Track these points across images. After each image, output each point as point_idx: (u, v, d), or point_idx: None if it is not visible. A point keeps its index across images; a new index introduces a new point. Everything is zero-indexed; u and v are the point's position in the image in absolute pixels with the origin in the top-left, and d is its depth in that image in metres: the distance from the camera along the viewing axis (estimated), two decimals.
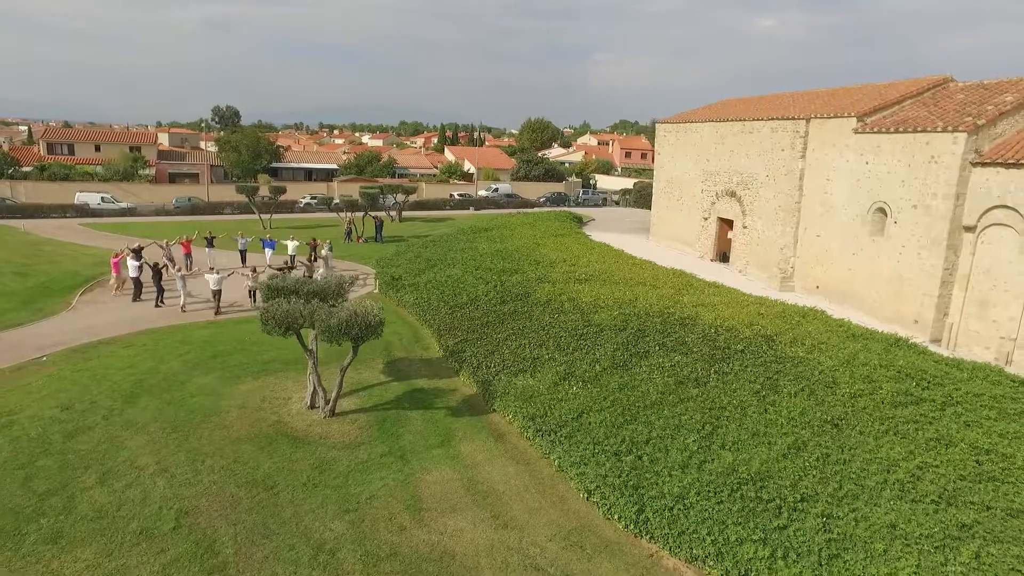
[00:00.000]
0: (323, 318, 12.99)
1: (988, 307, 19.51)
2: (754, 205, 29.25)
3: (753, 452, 11.35)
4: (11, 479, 11.73)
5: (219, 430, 13.81)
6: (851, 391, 13.65)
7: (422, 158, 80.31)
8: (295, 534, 10.23)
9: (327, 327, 12.93)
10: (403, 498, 11.31)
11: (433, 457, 12.80)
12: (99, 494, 11.29)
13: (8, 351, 18.51)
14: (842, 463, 11.20)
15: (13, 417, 14.25)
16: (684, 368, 14.85)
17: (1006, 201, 18.86)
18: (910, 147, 21.28)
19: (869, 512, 9.82)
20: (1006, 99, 20.42)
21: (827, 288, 25.03)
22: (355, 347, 13.74)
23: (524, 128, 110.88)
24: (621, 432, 12.33)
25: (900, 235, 21.69)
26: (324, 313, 13.12)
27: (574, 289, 21.64)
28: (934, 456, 11.36)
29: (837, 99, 26.85)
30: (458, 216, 50.93)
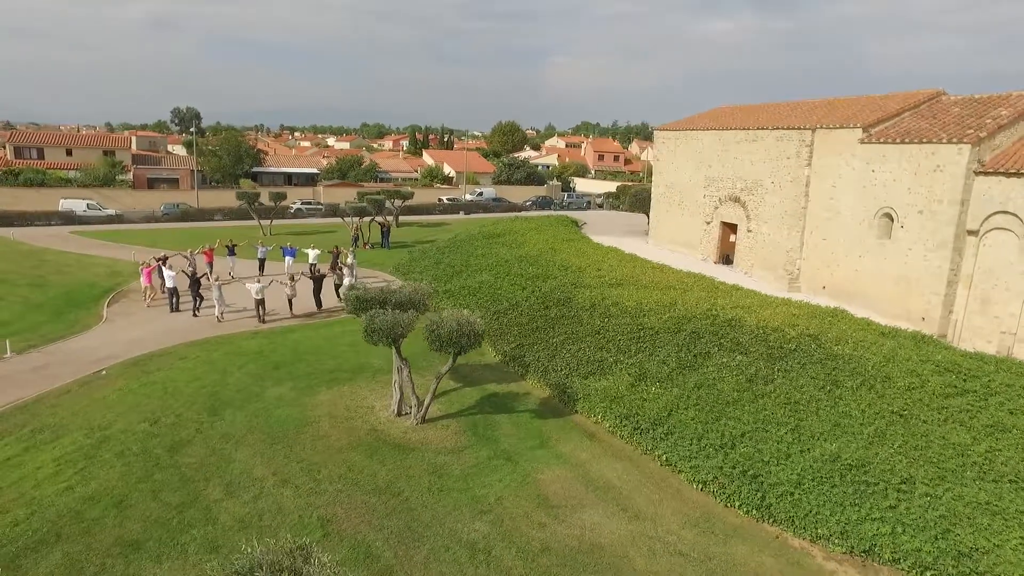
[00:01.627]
0: (433, 327, 13.57)
1: (990, 304, 21.30)
2: (759, 210, 30.81)
3: (843, 441, 12.51)
4: (139, 492, 11.93)
5: (319, 440, 14.21)
6: (904, 384, 15.01)
7: (401, 162, 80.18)
8: (444, 535, 10.84)
9: (437, 336, 13.52)
10: (530, 497, 12.04)
11: (539, 458, 13.55)
12: (233, 505, 11.63)
13: (64, 365, 18.35)
14: (920, 448, 12.46)
15: (107, 432, 14.32)
16: (749, 367, 15.98)
17: (1007, 207, 20.67)
18: (916, 157, 23.01)
19: (962, 492, 11.08)
20: (1001, 113, 22.33)
21: (834, 288, 26.67)
22: (455, 356, 14.34)
23: (495, 131, 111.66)
24: (715, 428, 13.34)
25: (907, 238, 23.40)
26: (433, 323, 13.69)
27: (613, 293, 22.61)
28: (995, 441, 12.75)
29: (838, 110, 28.60)
30: (452, 221, 51.37)
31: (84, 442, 13.81)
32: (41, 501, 11.61)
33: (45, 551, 10.28)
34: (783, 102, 34.75)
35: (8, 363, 18.48)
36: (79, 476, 12.48)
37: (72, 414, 15.22)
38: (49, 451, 13.47)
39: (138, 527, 10.91)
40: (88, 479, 12.37)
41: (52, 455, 13.28)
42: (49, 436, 14.12)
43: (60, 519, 11.10)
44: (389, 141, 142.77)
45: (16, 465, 12.92)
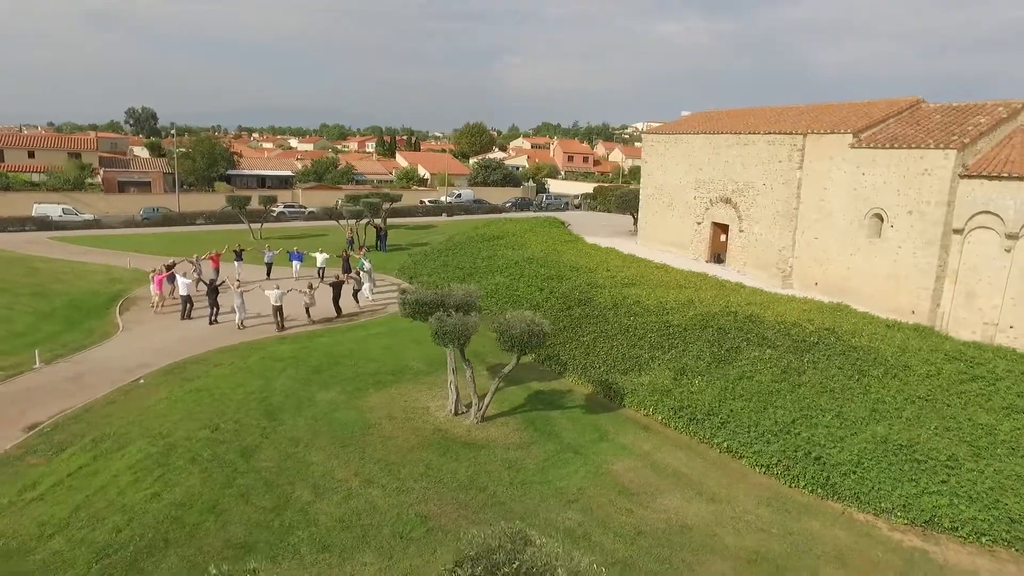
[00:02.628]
0: (504, 328, 14.14)
1: (974, 298, 23.06)
2: (751, 211, 32.29)
3: (885, 425, 13.67)
4: (229, 497, 12.14)
5: (387, 441, 14.60)
6: (923, 372, 16.35)
7: (375, 164, 79.69)
8: (541, 525, 11.44)
9: (509, 336, 14.09)
10: (608, 486, 12.76)
11: (604, 450, 14.28)
12: (326, 506, 11.96)
13: (98, 374, 18.16)
14: (953, 430, 13.71)
15: (169, 439, 14.37)
16: (780, 360, 17.09)
17: (989, 207, 22.44)
18: (904, 161, 24.67)
19: (1001, 466, 12.32)
20: (980, 120, 24.18)
21: (826, 285, 28.25)
22: (520, 356, 14.93)
23: (462, 132, 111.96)
24: (765, 416, 14.35)
25: (896, 237, 25.06)
26: (504, 323, 14.26)
27: (631, 293, 23.53)
28: (1014, 421, 14.13)
29: (825, 116, 30.25)
30: (437, 223, 51.64)
31: (151, 450, 13.86)
32: (134, 508, 11.70)
33: (159, 555, 10.46)
34: (770, 107, 36.40)
35: (40, 373, 18.16)
36: (161, 483, 12.58)
37: (127, 423, 15.18)
38: (119, 460, 13.48)
39: (241, 530, 11.17)
40: (171, 485, 12.49)
41: (124, 463, 13.30)
42: (112, 445, 14.09)
43: (161, 525, 11.24)
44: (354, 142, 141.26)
45: (92, 474, 12.92)
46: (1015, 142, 23.31)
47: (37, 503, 11.92)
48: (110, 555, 10.42)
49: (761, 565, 10.47)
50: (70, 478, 12.76)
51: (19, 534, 10.98)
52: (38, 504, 11.88)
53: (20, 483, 12.55)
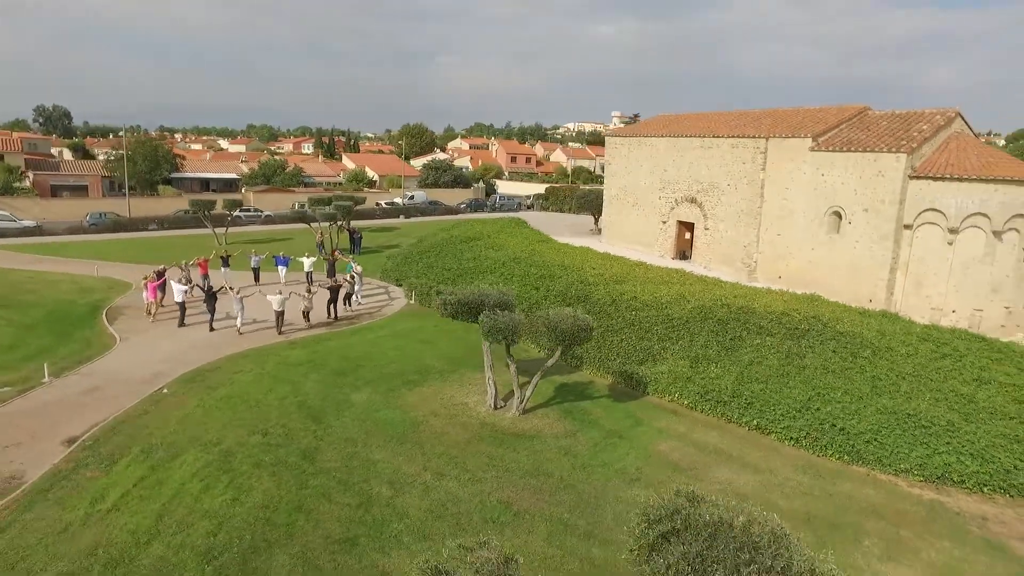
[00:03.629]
0: (553, 323, 15.03)
1: (922, 286, 25.83)
2: (716, 210, 34.43)
3: (888, 398, 15.51)
4: (309, 497, 12.47)
5: (441, 436, 15.20)
6: (904, 352, 18.43)
7: (323, 166, 78.08)
8: (615, 502, 12.46)
9: (560, 331, 15.00)
10: (661, 464, 13.92)
11: (644, 434, 15.45)
12: (410, 500, 12.50)
13: (116, 386, 17.77)
14: (942, 400, 15.70)
15: (222, 447, 14.45)
16: (781, 346, 18.80)
17: (934, 205, 25.21)
18: (860, 163, 27.24)
19: (989, 428, 14.32)
20: (923, 127, 27.04)
21: (789, 278, 30.64)
22: (564, 349, 15.86)
23: (402, 133, 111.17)
24: (783, 396, 15.93)
25: (854, 233, 27.61)
26: (553, 318, 15.15)
27: (624, 289, 24.89)
28: (986, 390, 16.30)
29: (783, 121, 32.69)
30: (398, 225, 51.67)
31: (208, 458, 13.92)
32: (218, 513, 11.87)
33: (266, 554, 10.76)
34: (729, 111, 38.80)
35: (53, 387, 17.56)
36: (234, 488, 12.74)
37: (170, 433, 15.08)
38: (179, 468, 13.48)
39: (337, 527, 11.58)
40: (246, 490, 12.68)
41: (187, 472, 13.34)
42: (165, 455, 14.04)
43: (253, 527, 11.50)
44: (288, 143, 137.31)
45: (157, 483, 12.91)
46: (951, 147, 26.23)
47: (114, 513, 11.87)
48: (217, 557, 10.64)
49: (815, 523, 11.89)
50: (137, 488, 12.71)
51: (113, 543, 10.98)
52: (116, 514, 11.83)
53: (87, 496, 12.41)
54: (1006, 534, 12.08)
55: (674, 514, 7.12)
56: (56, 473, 13.24)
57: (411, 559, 10.67)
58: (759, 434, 15.39)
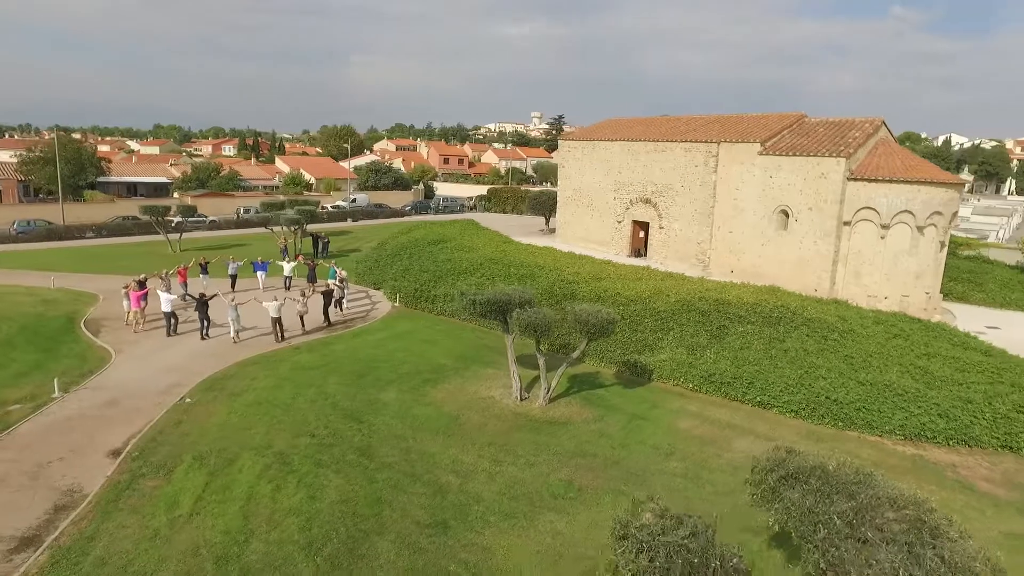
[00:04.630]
0: (585, 318, 16.36)
1: (860, 276, 29.14)
2: (670, 209, 36.94)
3: (864, 372, 17.93)
4: (383, 490, 13.22)
5: (482, 428, 16.21)
6: (864, 334, 21.13)
7: (257, 169, 75.46)
8: (660, 474, 13.98)
9: (592, 325, 16.34)
10: (688, 439, 15.60)
11: (663, 415, 17.10)
12: (478, 486, 13.48)
13: (134, 398, 17.61)
14: (905, 373, 18.31)
15: (274, 449, 14.85)
16: (762, 332, 21.01)
17: (869, 204, 28.52)
18: (804, 166, 30.28)
19: (947, 393, 16.95)
20: (856, 134, 30.42)
21: (740, 271, 33.46)
22: (590, 341, 17.23)
23: (329, 135, 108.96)
24: (779, 375, 18.05)
25: (800, 230, 30.66)
26: (582, 314, 16.47)
27: (605, 286, 26.60)
28: (936, 362, 19.12)
29: (731, 127, 35.51)
30: (351, 229, 51.35)
31: (266, 461, 14.30)
32: (302, 510, 12.42)
33: (367, 542, 11.49)
34: (677, 117, 41.49)
35: (68, 403, 17.14)
36: (305, 487, 13.27)
37: (215, 439, 15.29)
38: (240, 473, 13.82)
39: (423, 513, 12.43)
40: (319, 488, 13.24)
41: (251, 475, 13.71)
42: (220, 461, 14.29)
43: (341, 520, 12.15)
44: (206, 145, 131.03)
45: (225, 488, 13.24)
46: (880, 152, 29.68)
47: (198, 517, 12.17)
48: (321, 549, 11.27)
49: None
50: (207, 493, 13.00)
51: (212, 543, 11.36)
52: (200, 518, 12.14)
53: (160, 503, 12.60)
54: (972, 476, 14.57)
55: (784, 463, 8.66)
56: (115, 484, 13.26)
57: (501, 536, 11.77)
58: (762, 409, 17.42)
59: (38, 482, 13.28)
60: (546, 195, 50.35)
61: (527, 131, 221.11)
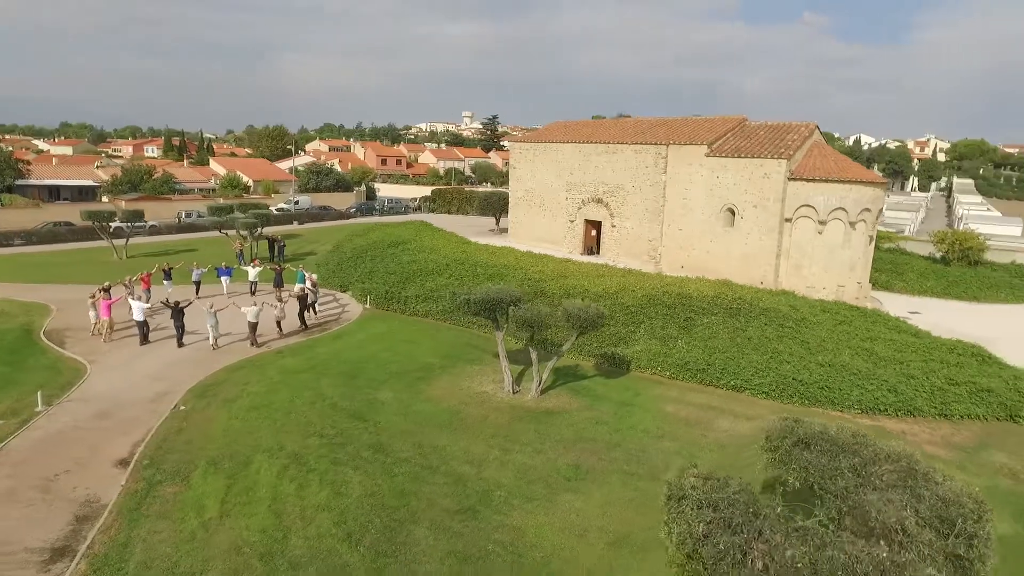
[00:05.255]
0: (577, 313, 17.40)
1: (800, 268, 31.71)
2: (622, 209, 38.70)
3: (822, 355, 19.90)
4: (405, 483, 13.85)
5: (484, 421, 17.02)
6: (815, 321, 23.26)
7: (191, 171, 72.25)
8: (659, 454, 15.23)
9: (583, 319, 17.40)
10: (675, 422, 16.96)
11: (647, 401, 18.41)
12: (494, 472, 14.33)
13: (125, 408, 17.43)
14: (858, 355, 20.43)
15: (287, 450, 15.17)
16: (726, 323, 22.74)
17: (807, 202, 31.07)
18: (749, 167, 32.58)
19: (892, 371, 19.11)
20: (794, 137, 32.99)
21: (690, 266, 35.56)
22: (579, 334, 18.30)
23: (261, 136, 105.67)
24: (747, 361, 19.75)
25: (746, 226, 32.97)
26: (574, 309, 17.51)
27: (572, 283, 27.84)
28: (879, 344, 21.41)
29: (678, 130, 37.52)
30: (300, 232, 50.53)
31: (281, 462, 14.61)
32: (331, 506, 12.89)
33: (404, 530, 12.12)
34: (625, 119, 43.39)
35: (55, 417, 16.72)
36: (327, 484, 13.71)
37: (223, 445, 15.42)
38: (259, 475, 14.09)
39: (450, 501, 13.15)
40: (341, 484, 13.71)
41: (269, 476, 14.00)
42: (234, 464, 14.50)
43: (373, 512, 12.71)
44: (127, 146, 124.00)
45: (247, 490, 13.51)
46: (815, 154, 32.33)
47: (230, 519, 12.44)
48: (361, 539, 11.83)
49: None
50: (231, 496, 13.24)
51: (251, 542, 11.70)
52: (232, 519, 12.41)
53: (187, 508, 12.77)
54: (919, 441, 16.61)
55: (794, 430, 10.01)
56: (133, 493, 13.26)
57: (528, 517, 12.68)
58: (735, 392, 19.05)
59: (50, 495, 13.11)
60: (496, 196, 51.31)
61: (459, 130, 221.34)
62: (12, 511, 12.49)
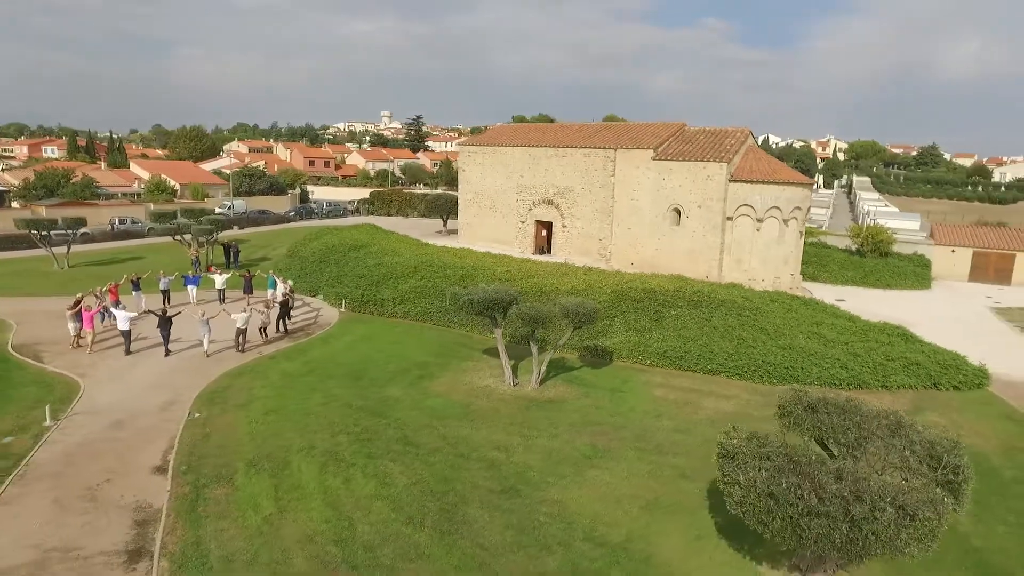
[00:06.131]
0: (575, 308, 18.97)
1: (740, 262, 34.83)
2: (572, 209, 40.75)
3: (783, 339, 22.51)
4: (444, 470, 14.96)
5: (497, 410, 18.32)
6: (768, 310, 25.99)
7: (112, 174, 67.86)
8: (657, 431, 17.08)
9: (579, 315, 18.99)
10: (667, 403, 18.92)
11: (636, 387, 20.29)
12: (523, 456, 15.69)
13: (139, 417, 17.48)
14: (814, 337, 23.18)
15: (320, 449, 15.88)
16: (692, 314, 25.03)
17: (746, 201, 34.18)
18: (693, 170, 35.35)
19: (842, 349, 21.93)
20: (731, 142, 36.08)
21: (640, 263, 38.08)
22: (575, 329, 19.88)
23: (179, 137, 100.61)
24: (719, 347, 22.07)
25: (691, 225, 35.77)
26: (572, 305, 19.06)
27: (542, 282, 29.42)
28: (827, 327, 24.35)
29: (624, 135, 39.90)
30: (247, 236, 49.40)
31: (319, 460, 15.33)
32: (383, 495, 13.85)
33: (459, 510, 13.28)
34: (571, 123, 45.38)
35: (67, 430, 16.56)
36: (373, 477, 14.61)
37: (255, 447, 15.94)
38: (300, 474, 14.77)
39: (491, 483, 14.40)
40: (384, 476, 14.65)
41: (311, 474, 14.73)
42: (273, 465, 15.09)
43: (424, 498, 13.78)
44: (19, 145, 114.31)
45: (296, 487, 14.20)
46: (750, 157, 35.57)
47: (288, 514, 13.16)
48: (422, 521, 12.91)
49: None
50: (281, 494, 13.91)
51: (320, 531, 12.52)
52: (292, 514, 13.15)
53: (243, 507, 13.35)
54: None
55: (802, 398, 12.04)
56: (182, 496, 13.67)
57: (565, 491, 14.17)
58: (712, 375, 21.30)
59: (100, 503, 13.30)
60: (444, 198, 52.27)
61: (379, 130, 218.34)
62: (70, 519, 12.65)
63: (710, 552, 12.15)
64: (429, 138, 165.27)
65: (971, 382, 21.12)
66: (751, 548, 12.14)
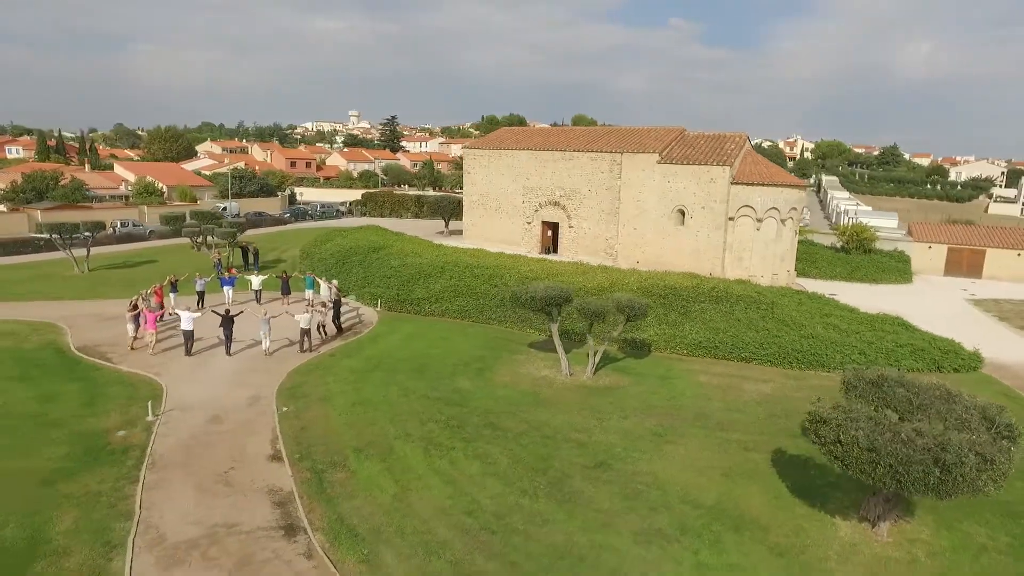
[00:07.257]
0: (629, 304, 20.72)
1: (741, 260, 37.24)
2: (579, 210, 42.60)
3: (798, 327, 24.71)
4: (537, 447, 16.54)
5: (563, 397, 19.96)
6: (781, 304, 28.26)
7: (98, 176, 66.57)
8: (711, 413, 18.96)
9: (633, 309, 20.76)
10: (712, 387, 20.86)
11: (680, 373, 22.18)
12: (603, 436, 17.37)
13: (232, 412, 18.52)
14: (827, 328, 25.46)
15: (416, 435, 17.27)
16: (715, 308, 27.11)
17: (747, 203, 36.58)
18: (696, 173, 37.58)
19: (858, 338, 24.25)
20: (730, 147, 38.46)
21: (645, 262, 40.16)
22: (626, 322, 21.64)
23: (154, 138, 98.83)
24: (748, 338, 24.16)
25: (695, 225, 37.99)
26: (625, 301, 20.81)
27: (568, 281, 31.04)
28: (834, 317, 26.72)
29: (629, 139, 41.86)
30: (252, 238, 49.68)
31: (420, 446, 16.69)
32: (491, 473, 15.36)
33: (566, 483, 14.90)
34: (574, 128, 47.36)
35: (171, 425, 17.53)
36: (475, 459, 16.08)
37: (353, 436, 17.18)
38: (407, 459, 16.11)
39: (584, 459, 16.05)
40: (484, 457, 16.15)
41: (417, 458, 16.13)
42: (379, 452, 16.39)
43: (530, 474, 15.32)
44: None
45: (406, 469, 15.57)
46: (749, 161, 38.00)
47: (411, 492, 14.54)
48: (538, 491, 14.51)
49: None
50: (397, 476, 15.24)
51: (449, 506, 13.98)
52: (416, 492, 14.54)
53: (370, 488, 14.67)
54: None
55: (864, 375, 14.06)
56: (307, 481, 14.91)
57: (651, 463, 15.91)
58: (745, 363, 23.37)
59: (236, 488, 14.44)
60: (446, 199, 53.44)
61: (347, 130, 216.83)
62: (218, 501, 13.80)
63: (791, 508, 14.05)
64: (403, 138, 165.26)
65: (968, 365, 23.70)
66: (823, 504, 14.11)
